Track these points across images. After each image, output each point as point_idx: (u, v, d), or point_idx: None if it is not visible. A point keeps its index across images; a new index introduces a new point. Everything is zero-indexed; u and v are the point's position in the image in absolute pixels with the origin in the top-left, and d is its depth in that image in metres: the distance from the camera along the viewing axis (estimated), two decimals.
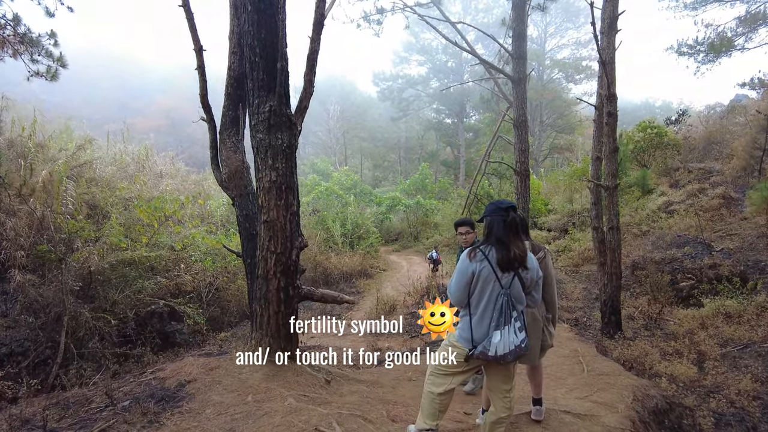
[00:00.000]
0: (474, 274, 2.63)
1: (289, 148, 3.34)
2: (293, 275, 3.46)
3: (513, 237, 2.63)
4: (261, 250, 3.40)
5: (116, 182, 13.80)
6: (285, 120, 3.34)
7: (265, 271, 3.39)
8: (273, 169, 3.28)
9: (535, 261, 2.77)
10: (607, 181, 7.02)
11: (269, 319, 3.41)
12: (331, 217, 18.09)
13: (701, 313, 7.90)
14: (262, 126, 3.28)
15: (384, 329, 10.08)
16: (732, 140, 17.72)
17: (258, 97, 3.25)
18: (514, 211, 2.73)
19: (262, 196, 3.34)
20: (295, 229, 3.42)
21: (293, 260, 3.42)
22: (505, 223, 2.65)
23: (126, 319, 9.33)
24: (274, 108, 3.23)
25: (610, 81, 6.46)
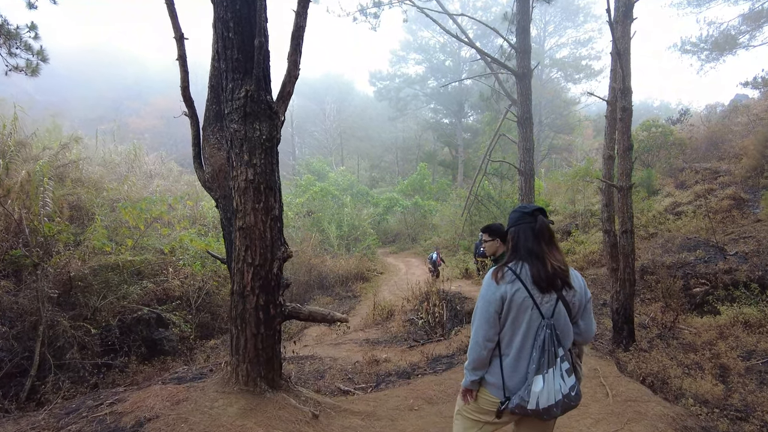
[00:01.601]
0: (504, 301, 2.04)
1: (269, 141, 2.82)
2: (275, 291, 2.94)
3: (548, 246, 2.10)
4: (236, 261, 2.89)
5: (104, 183, 13.33)
6: (264, 107, 2.83)
7: (241, 287, 2.88)
8: (250, 165, 2.77)
9: (581, 278, 2.19)
10: (620, 181, 6.54)
11: (246, 343, 2.90)
12: (327, 219, 17.59)
13: (718, 322, 7.43)
14: (236, 114, 2.77)
15: (381, 337, 9.58)
16: (734, 140, 17.33)
17: (232, 80, 2.75)
18: (543, 214, 2.19)
19: (237, 198, 2.83)
20: (276, 236, 2.91)
21: (274, 273, 2.91)
22: (534, 231, 2.11)
23: (109, 326, 8.85)
24: (251, 93, 2.72)
25: (625, 73, 5.98)
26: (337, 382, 6.37)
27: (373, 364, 7.12)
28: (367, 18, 13.74)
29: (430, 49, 37.51)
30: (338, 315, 3.16)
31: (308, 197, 18.11)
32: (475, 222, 17.23)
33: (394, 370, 6.39)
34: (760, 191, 11.69)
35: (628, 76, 6.07)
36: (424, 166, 29.68)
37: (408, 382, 5.10)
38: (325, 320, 3.13)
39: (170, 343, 9.68)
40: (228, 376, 2.98)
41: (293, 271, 13.56)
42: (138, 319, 9.54)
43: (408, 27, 36.76)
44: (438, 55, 37.71)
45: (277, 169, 2.95)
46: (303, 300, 13.30)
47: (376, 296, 12.55)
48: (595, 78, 33.73)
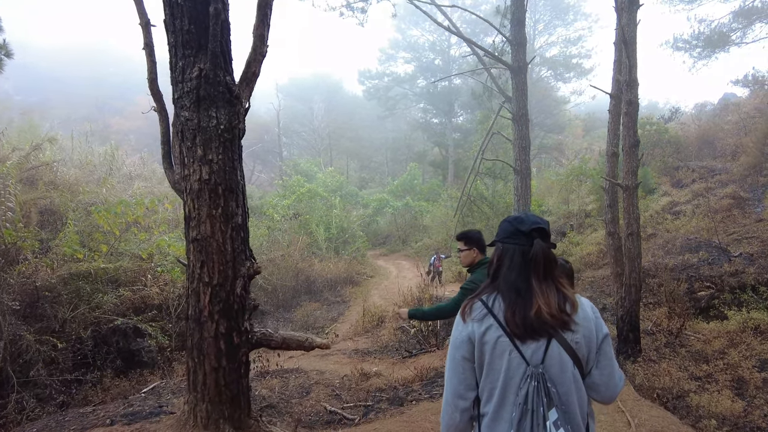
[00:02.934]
0: (473, 343, 1.52)
1: (228, 132, 2.31)
2: (239, 315, 2.42)
3: (540, 282, 1.52)
4: (190, 280, 2.37)
5: (80, 186, 12.69)
6: (222, 90, 2.31)
7: (197, 311, 2.35)
8: (204, 162, 2.25)
9: (591, 308, 1.59)
10: (625, 179, 6.10)
11: (206, 378, 2.38)
12: (315, 221, 17.03)
13: (727, 328, 7.03)
14: (187, 99, 2.25)
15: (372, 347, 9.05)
16: (726, 138, 17.12)
17: (183, 57, 2.23)
18: (544, 237, 1.59)
19: (189, 202, 2.31)
20: (239, 249, 2.39)
21: (238, 294, 2.39)
22: (524, 258, 1.55)
23: (81, 339, 8.26)
24: (206, 73, 2.21)
25: (631, 63, 5.53)
26: (323, 401, 5.86)
27: (363, 378, 6.63)
28: (354, 13, 13.23)
29: (419, 47, 37.08)
30: (318, 340, 2.64)
31: (295, 199, 17.53)
32: (467, 223, 16.78)
33: (386, 389, 5.89)
34: (761, 190, 11.37)
35: (634, 66, 5.63)
36: (415, 166, 29.25)
37: (401, 411, 4.59)
38: (302, 347, 2.62)
39: (149, 354, 9.10)
40: (185, 417, 2.46)
41: (279, 276, 13.00)
42: (114, 329, 8.95)
43: (397, 25, 36.32)
44: (427, 54, 37.30)
45: (240, 166, 2.42)
46: (290, 306, 12.76)
47: (366, 302, 12.05)
48: (586, 77, 33.53)
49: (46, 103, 44.88)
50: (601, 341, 1.54)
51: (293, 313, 12.09)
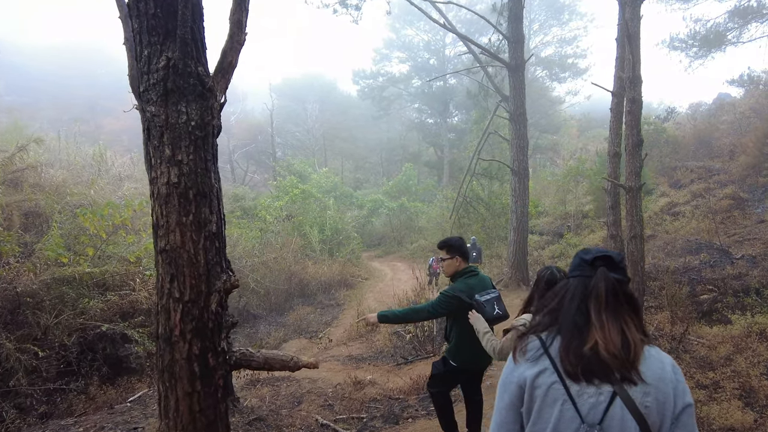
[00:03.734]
0: (524, 388, 1.33)
1: (200, 129, 2.05)
2: (215, 334, 2.16)
3: (601, 315, 1.30)
4: (159, 295, 2.11)
5: (68, 187, 12.38)
6: (194, 83, 2.05)
7: (168, 330, 2.10)
8: (173, 163, 1.99)
9: (670, 364, 1.32)
10: (628, 180, 5.88)
11: (178, 404, 2.12)
12: (309, 222, 16.74)
13: (731, 333, 6.82)
14: (154, 92, 2.00)
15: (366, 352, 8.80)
16: (722, 138, 17.05)
17: (149, 44, 1.98)
18: (611, 266, 1.37)
19: (156, 208, 2.05)
20: (214, 261, 2.13)
21: (213, 311, 2.13)
22: (587, 289, 1.34)
23: (66, 346, 7.97)
24: (175, 62, 1.95)
25: (635, 60, 5.31)
26: (314, 413, 5.61)
27: (357, 387, 6.38)
28: (348, 10, 12.98)
29: (414, 47, 36.87)
30: (304, 359, 2.39)
31: (288, 200, 17.24)
32: (464, 225, 16.57)
33: (380, 399, 5.64)
34: (761, 190, 11.23)
35: (638, 63, 5.42)
36: (410, 166, 29.02)
37: (396, 430, 4.33)
38: (286, 367, 2.36)
39: (137, 360, 8.81)
40: None
41: (272, 279, 12.72)
42: (100, 335, 8.66)
43: (391, 24, 36.09)
44: (422, 54, 37.09)
45: (215, 168, 2.17)
46: (283, 310, 12.48)
47: (360, 305, 11.81)
48: (581, 76, 33.44)
49: (37, 104, 44.33)
50: (681, 411, 1.26)
51: (286, 317, 11.83)
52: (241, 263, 12.21)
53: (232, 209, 17.43)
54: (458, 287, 3.25)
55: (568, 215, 16.02)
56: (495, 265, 13.90)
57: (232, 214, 16.28)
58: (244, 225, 14.27)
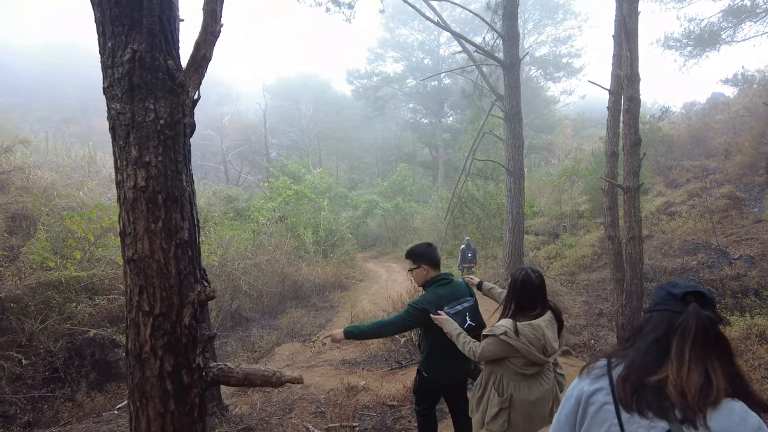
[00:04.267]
0: (579, 403, 1.31)
1: (170, 128, 1.88)
2: (189, 350, 2.00)
3: (684, 350, 1.19)
4: (128, 309, 1.95)
5: (56, 189, 12.16)
6: (162, 77, 1.88)
7: (138, 346, 1.93)
8: (140, 165, 1.82)
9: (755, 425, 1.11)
10: (626, 180, 5.75)
11: (149, 425, 1.96)
12: (303, 223, 16.55)
13: (730, 335, 6.71)
14: (118, 88, 1.83)
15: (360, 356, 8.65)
16: (716, 137, 17.05)
17: (112, 36, 1.81)
18: (702, 301, 1.26)
19: (123, 214, 1.88)
20: (187, 271, 1.97)
21: (186, 325, 1.97)
22: (672, 324, 1.24)
23: (52, 352, 7.78)
24: (141, 55, 1.78)
25: (633, 57, 5.18)
26: (306, 421, 5.46)
27: (349, 393, 6.22)
28: (340, 9, 12.81)
29: (408, 46, 36.74)
30: (288, 375, 2.23)
31: (281, 201, 17.04)
32: (458, 225, 16.43)
33: (373, 407, 5.49)
34: (757, 189, 11.16)
35: (636, 60, 5.29)
36: (405, 166, 28.89)
37: None
38: (268, 383, 2.20)
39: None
40: None
41: (265, 282, 12.53)
42: (89, 340, 8.47)
43: (386, 24, 35.95)
44: (417, 53, 36.98)
45: (187, 170, 2.00)
46: (276, 312, 12.29)
47: (354, 307, 11.64)
48: (576, 76, 33.41)
49: (29, 105, 43.90)
50: None
51: (279, 320, 11.64)
52: (233, 265, 12.02)
53: (225, 210, 17.21)
54: (427, 298, 3.04)
55: (563, 215, 15.93)
56: (491, 265, 13.78)
57: (225, 216, 16.07)
58: (236, 227, 14.06)
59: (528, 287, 2.59)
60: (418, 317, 3.00)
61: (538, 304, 2.61)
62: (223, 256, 11.88)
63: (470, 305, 3.07)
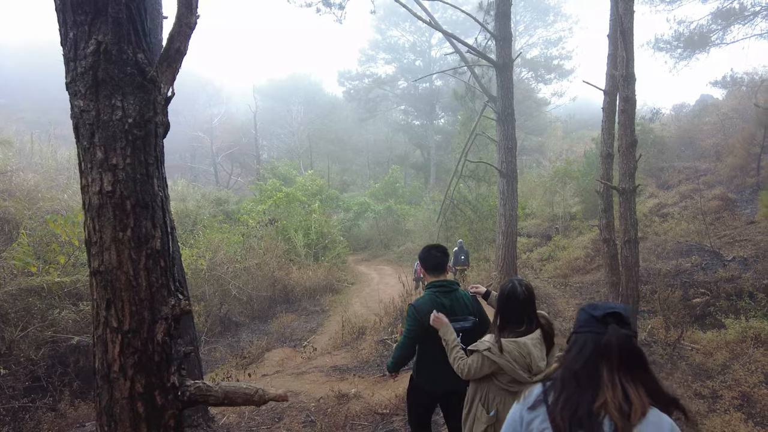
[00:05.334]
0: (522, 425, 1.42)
1: (139, 128, 1.71)
2: (162, 368, 1.83)
3: (612, 373, 1.30)
4: (95, 325, 1.78)
5: (40, 192, 11.89)
6: (131, 72, 1.72)
7: (105, 365, 1.77)
8: (106, 168, 1.65)
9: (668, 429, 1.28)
10: (622, 182, 5.66)
11: None
12: (293, 226, 16.35)
13: (726, 338, 6.65)
14: (82, 83, 1.66)
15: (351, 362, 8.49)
16: (705, 139, 17.14)
17: (74, 25, 1.64)
18: (622, 322, 1.38)
19: (89, 222, 1.72)
20: (160, 283, 1.80)
21: (159, 341, 1.81)
22: (596, 346, 1.35)
23: (33, 361, 7.55)
24: (106, 47, 1.62)
25: (629, 57, 5.09)
26: (295, 430, 5.29)
27: (340, 401, 6.07)
28: (331, 9, 12.66)
29: (399, 48, 36.65)
30: (271, 392, 2.07)
31: (271, 204, 16.82)
32: (451, 227, 16.32)
33: (365, 415, 5.34)
34: (748, 191, 11.16)
35: (631, 60, 5.20)
36: (397, 168, 28.76)
37: None
38: (250, 402, 2.04)
39: None
40: None
41: (254, 286, 12.33)
42: (73, 347, 8.24)
43: (377, 26, 35.85)
44: (408, 55, 36.90)
45: (159, 173, 1.83)
46: (266, 317, 12.10)
47: (346, 311, 11.49)
48: (567, 78, 33.50)
49: (15, 106, 43.25)
50: None
51: (269, 325, 11.46)
52: (223, 269, 11.80)
53: (214, 213, 16.98)
54: (423, 302, 2.92)
55: (555, 217, 15.89)
56: (483, 268, 13.67)
57: (214, 219, 15.84)
58: (225, 230, 13.84)
59: (512, 301, 2.47)
60: (414, 318, 2.89)
61: (524, 319, 2.51)
62: (211, 259, 11.66)
63: (468, 326, 2.90)
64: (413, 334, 2.91)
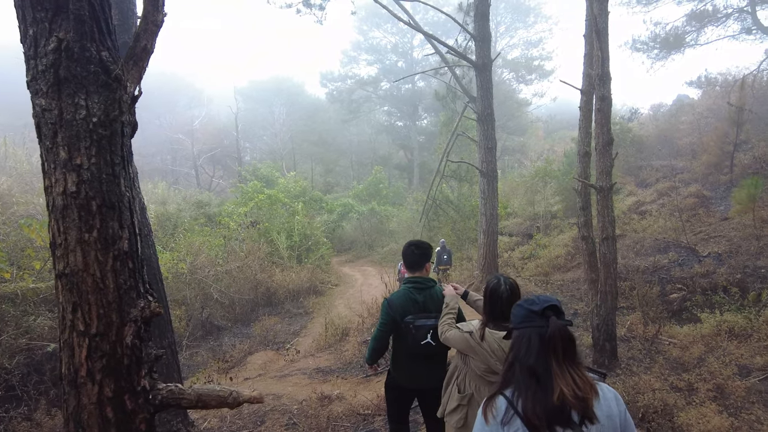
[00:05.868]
0: None
1: (104, 127, 1.68)
2: (132, 372, 1.80)
3: (561, 364, 1.39)
4: (61, 329, 1.74)
5: (14, 196, 11.62)
6: (95, 70, 1.68)
7: (72, 370, 1.73)
8: (70, 168, 1.61)
9: (616, 402, 1.48)
10: (599, 180, 5.73)
11: None
12: (276, 228, 16.23)
13: (701, 332, 6.80)
14: (43, 81, 1.62)
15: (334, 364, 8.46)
16: (682, 138, 17.51)
17: (34, 22, 1.60)
18: (558, 314, 1.49)
19: (53, 223, 1.68)
20: (128, 285, 1.77)
21: (128, 344, 1.77)
22: (542, 340, 1.42)
23: (7, 369, 7.36)
24: (68, 44, 1.58)
25: (604, 56, 5.17)
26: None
27: (323, 403, 6.04)
28: (311, 10, 12.62)
29: (381, 49, 36.71)
30: (246, 394, 2.05)
31: (253, 206, 16.67)
32: (433, 227, 16.38)
33: (347, 416, 5.32)
34: (722, 188, 11.42)
35: (607, 59, 5.27)
36: (380, 169, 28.77)
37: None
38: (224, 404, 2.01)
39: None
40: None
41: (236, 289, 12.21)
42: (49, 355, 8.04)
43: (358, 27, 35.86)
44: (390, 56, 36.98)
45: (126, 173, 1.79)
46: (248, 320, 11.97)
47: (329, 313, 11.43)
48: (547, 78, 33.92)
49: None
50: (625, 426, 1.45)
51: (251, 328, 11.34)
52: (204, 272, 11.66)
53: (195, 216, 16.78)
54: (396, 299, 2.94)
55: (536, 216, 16.05)
56: (465, 267, 13.75)
57: (195, 221, 15.65)
58: (207, 233, 13.67)
59: (495, 298, 2.50)
60: (386, 312, 2.94)
61: (509, 315, 2.53)
62: (192, 263, 11.51)
63: None
64: (385, 328, 2.96)
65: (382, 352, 3.13)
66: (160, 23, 1.82)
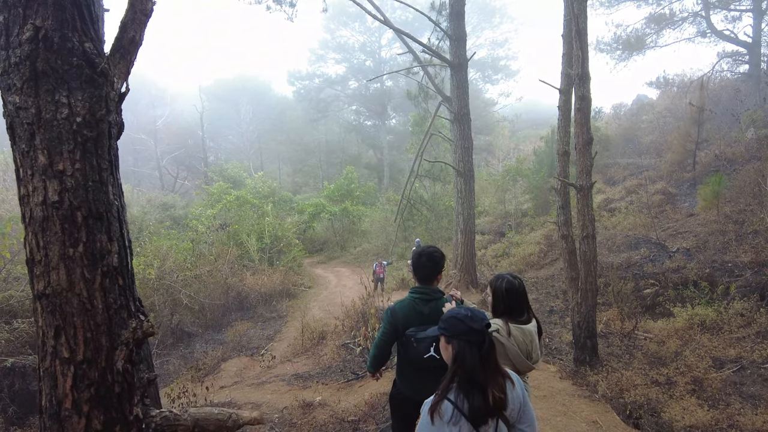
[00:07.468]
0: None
1: (89, 128, 1.48)
2: (124, 399, 1.61)
3: (493, 373, 1.76)
4: (42, 356, 1.54)
5: None
6: (78, 63, 1.48)
7: (54, 402, 1.53)
8: (51, 175, 1.42)
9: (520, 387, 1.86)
10: (579, 179, 5.77)
11: None
12: (246, 230, 15.82)
13: (675, 326, 6.97)
14: (17, 76, 1.41)
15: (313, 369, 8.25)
16: (643, 136, 18.10)
17: (5, 6, 1.39)
18: (489, 327, 1.82)
19: (30, 237, 1.48)
20: (118, 304, 1.58)
21: (119, 371, 1.59)
22: (482, 354, 1.75)
23: None
24: (46, 33, 1.39)
25: (584, 56, 5.19)
26: None
27: (305, 410, 5.85)
28: (282, 7, 12.33)
29: (349, 48, 36.47)
30: (246, 416, 1.90)
31: (222, 208, 16.20)
32: (408, 227, 16.33)
33: (332, 423, 5.16)
34: (686, 185, 11.80)
35: (586, 59, 5.30)
36: (352, 169, 28.53)
37: None
38: (224, 428, 1.85)
39: None
40: None
41: (207, 294, 11.81)
42: (7, 370, 7.53)
43: (326, 25, 35.52)
44: (358, 55, 36.78)
45: (114, 179, 1.61)
46: (220, 326, 11.60)
47: (305, 316, 11.19)
48: (513, 78, 34.45)
49: None
50: (523, 406, 1.84)
51: (224, 334, 10.99)
52: (172, 278, 11.22)
53: (161, 219, 16.20)
54: (400, 309, 2.81)
55: (508, 214, 16.23)
56: None
57: (161, 225, 15.09)
58: (174, 236, 13.18)
59: (513, 294, 2.61)
60: (388, 321, 2.82)
61: (525, 309, 2.66)
62: (160, 268, 11.05)
63: None
64: (386, 336, 2.85)
65: (384, 361, 2.99)
66: (150, 12, 1.64)
